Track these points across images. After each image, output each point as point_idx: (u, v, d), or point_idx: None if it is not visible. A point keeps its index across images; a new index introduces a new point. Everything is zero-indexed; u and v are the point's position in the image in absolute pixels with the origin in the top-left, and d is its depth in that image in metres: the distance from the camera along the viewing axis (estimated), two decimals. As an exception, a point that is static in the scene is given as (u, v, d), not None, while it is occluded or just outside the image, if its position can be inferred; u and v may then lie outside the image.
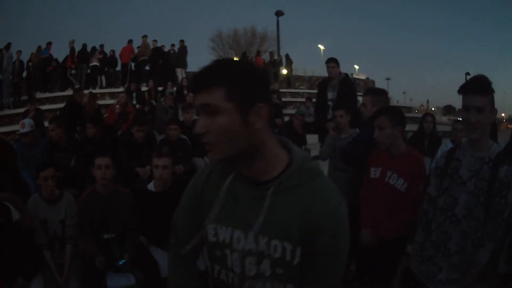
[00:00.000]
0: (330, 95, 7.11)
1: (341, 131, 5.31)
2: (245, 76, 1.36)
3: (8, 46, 15.03)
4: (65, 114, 9.49)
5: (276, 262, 1.43)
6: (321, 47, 36.88)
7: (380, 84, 33.35)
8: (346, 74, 7.35)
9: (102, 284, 4.01)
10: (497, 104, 2.71)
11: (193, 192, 1.62)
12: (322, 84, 7.47)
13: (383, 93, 4.53)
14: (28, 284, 3.87)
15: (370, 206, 3.72)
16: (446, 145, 6.62)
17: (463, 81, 5.45)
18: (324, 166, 5.76)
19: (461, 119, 5.08)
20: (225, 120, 1.32)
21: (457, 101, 3.68)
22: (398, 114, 3.66)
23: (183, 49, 18.67)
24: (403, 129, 3.63)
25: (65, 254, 4.13)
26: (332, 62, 7.10)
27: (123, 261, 4.13)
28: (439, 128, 10.15)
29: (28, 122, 6.42)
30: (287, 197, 1.41)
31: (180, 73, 18.00)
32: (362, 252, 3.80)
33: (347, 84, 7.21)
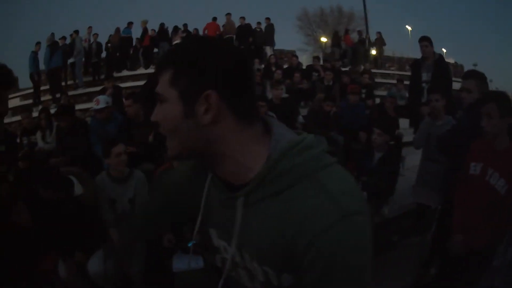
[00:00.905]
0: (425, 76, 6.59)
1: (437, 116, 4.91)
2: (198, 55, 1.06)
3: (88, 30, 15.79)
4: (145, 91, 9.42)
5: (265, 284, 1.11)
6: (409, 27, 35.20)
7: (466, 69, 32.19)
8: (441, 55, 6.79)
9: (167, 265, 3.72)
10: None
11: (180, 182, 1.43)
12: (415, 64, 6.93)
13: (485, 78, 4.10)
14: (86, 259, 3.71)
15: (465, 208, 3.29)
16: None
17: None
18: (416, 155, 5.37)
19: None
20: (167, 110, 1.09)
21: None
22: (508, 103, 3.22)
23: (270, 27, 18.40)
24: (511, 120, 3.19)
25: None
26: (425, 40, 6.57)
27: (194, 242, 3.82)
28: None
29: (103, 98, 6.31)
30: (263, 209, 1.06)
31: (268, 51, 17.76)
32: (447, 256, 3.43)
33: (443, 65, 6.68)
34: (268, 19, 18.46)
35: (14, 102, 14.99)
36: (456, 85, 6.58)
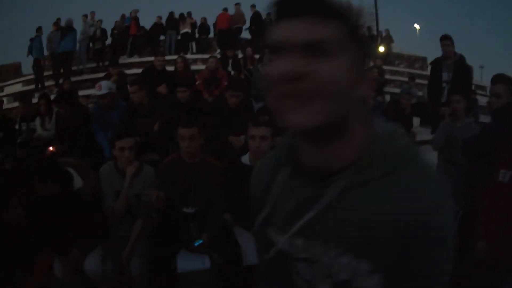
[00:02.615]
0: (445, 76, 6.46)
1: (457, 118, 4.83)
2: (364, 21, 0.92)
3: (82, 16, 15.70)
4: (143, 79, 9.16)
5: (339, 286, 0.94)
6: (417, 26, 35.07)
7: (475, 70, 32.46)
8: (462, 55, 6.58)
9: (171, 265, 3.52)
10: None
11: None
12: (435, 63, 6.75)
13: None
14: (84, 257, 3.43)
15: (492, 215, 3.09)
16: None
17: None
18: (428, 155, 5.25)
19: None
20: (342, 66, 0.82)
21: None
22: None
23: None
24: None
25: (133, 229, 3.65)
26: (447, 39, 6.43)
27: (200, 241, 3.57)
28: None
29: (105, 84, 6.04)
30: (365, 194, 0.89)
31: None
32: (467, 261, 3.18)
33: (464, 66, 6.53)
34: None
35: (16, 87, 14.98)
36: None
